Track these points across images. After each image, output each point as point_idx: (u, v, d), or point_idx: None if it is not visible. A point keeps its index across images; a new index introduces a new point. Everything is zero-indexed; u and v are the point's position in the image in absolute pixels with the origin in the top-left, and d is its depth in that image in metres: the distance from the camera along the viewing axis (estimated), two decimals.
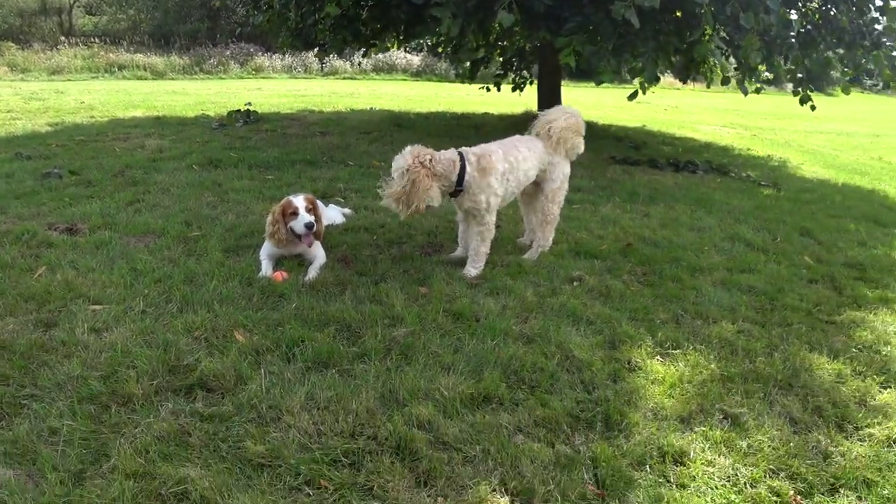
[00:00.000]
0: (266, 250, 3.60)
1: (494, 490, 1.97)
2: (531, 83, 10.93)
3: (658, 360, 2.85)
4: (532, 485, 1.99)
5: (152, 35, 25.49)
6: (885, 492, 2.17)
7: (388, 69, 25.36)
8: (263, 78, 21.92)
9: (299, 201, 3.48)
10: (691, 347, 2.96)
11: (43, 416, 2.22)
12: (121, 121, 9.01)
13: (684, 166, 7.65)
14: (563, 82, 11.78)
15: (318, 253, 3.64)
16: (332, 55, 20.79)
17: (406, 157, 3.31)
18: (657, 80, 7.42)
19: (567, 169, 3.94)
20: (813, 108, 8.12)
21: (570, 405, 2.41)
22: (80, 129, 8.15)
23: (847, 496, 2.15)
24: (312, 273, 3.46)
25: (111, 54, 21.58)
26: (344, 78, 23.35)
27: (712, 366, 2.82)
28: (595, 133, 4.53)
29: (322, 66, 23.99)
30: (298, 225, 3.43)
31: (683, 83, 9.41)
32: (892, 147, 12.47)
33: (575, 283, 3.58)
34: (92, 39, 23.60)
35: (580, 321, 3.10)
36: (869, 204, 6.67)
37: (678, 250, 4.27)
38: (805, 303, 3.65)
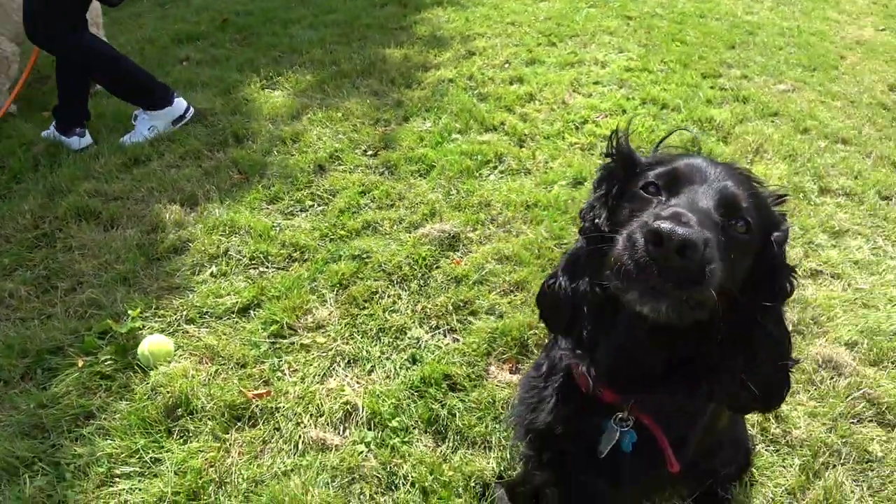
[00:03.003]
0: None
1: None
2: None
3: (268, 90, 3.39)
4: None
5: None
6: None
7: None
8: None
9: None
10: (291, 72, 3.55)
11: None
12: None
13: None
14: None
15: None
16: None
17: None
18: None
19: None
20: None
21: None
22: None
23: (418, 120, 3.08)
24: None
25: None
26: None
27: (308, 77, 3.48)
28: None
29: None
30: None
31: None
32: None
33: (184, 63, 3.80)
34: None
35: (196, 86, 3.43)
36: None
37: (270, 13, 4.68)
38: (377, 20, 4.46)
